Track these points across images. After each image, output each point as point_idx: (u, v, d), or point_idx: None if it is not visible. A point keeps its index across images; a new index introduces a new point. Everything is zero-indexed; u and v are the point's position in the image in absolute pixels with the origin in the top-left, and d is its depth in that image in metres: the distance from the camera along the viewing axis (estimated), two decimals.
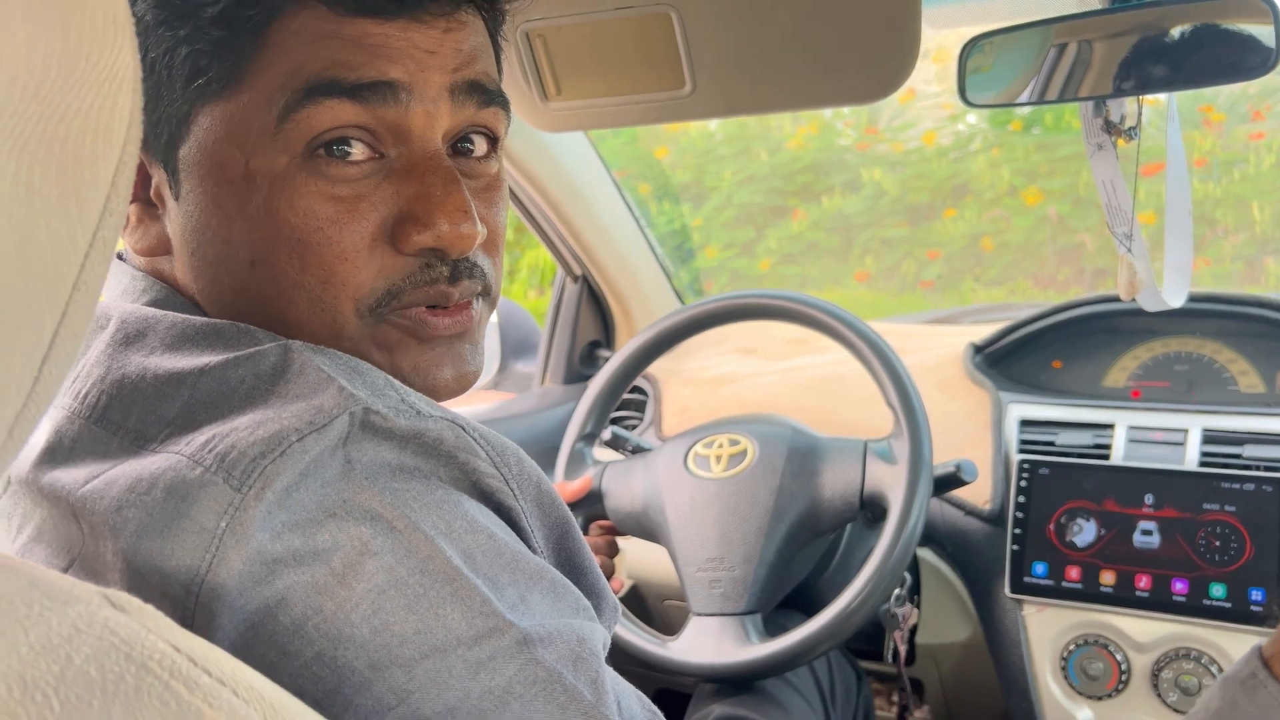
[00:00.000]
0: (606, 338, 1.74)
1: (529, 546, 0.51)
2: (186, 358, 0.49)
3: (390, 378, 0.50)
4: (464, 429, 0.48)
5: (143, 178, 0.56)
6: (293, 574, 0.42)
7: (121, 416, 0.49)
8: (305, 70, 0.50)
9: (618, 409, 1.53)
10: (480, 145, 0.57)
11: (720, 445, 1.15)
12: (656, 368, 1.51)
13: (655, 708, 0.54)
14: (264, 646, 0.42)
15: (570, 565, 0.54)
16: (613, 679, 0.49)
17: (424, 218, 0.52)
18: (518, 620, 0.45)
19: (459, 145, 0.56)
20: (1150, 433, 1.22)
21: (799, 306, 1.16)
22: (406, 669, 0.42)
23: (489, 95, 0.55)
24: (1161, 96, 0.90)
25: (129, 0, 0.52)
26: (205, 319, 0.52)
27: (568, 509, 0.54)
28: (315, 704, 0.41)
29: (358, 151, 0.52)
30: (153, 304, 0.55)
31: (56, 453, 0.50)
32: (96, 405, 0.50)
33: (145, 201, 0.56)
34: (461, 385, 0.57)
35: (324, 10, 0.50)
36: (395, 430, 0.46)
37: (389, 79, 0.51)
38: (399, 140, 0.53)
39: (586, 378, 1.64)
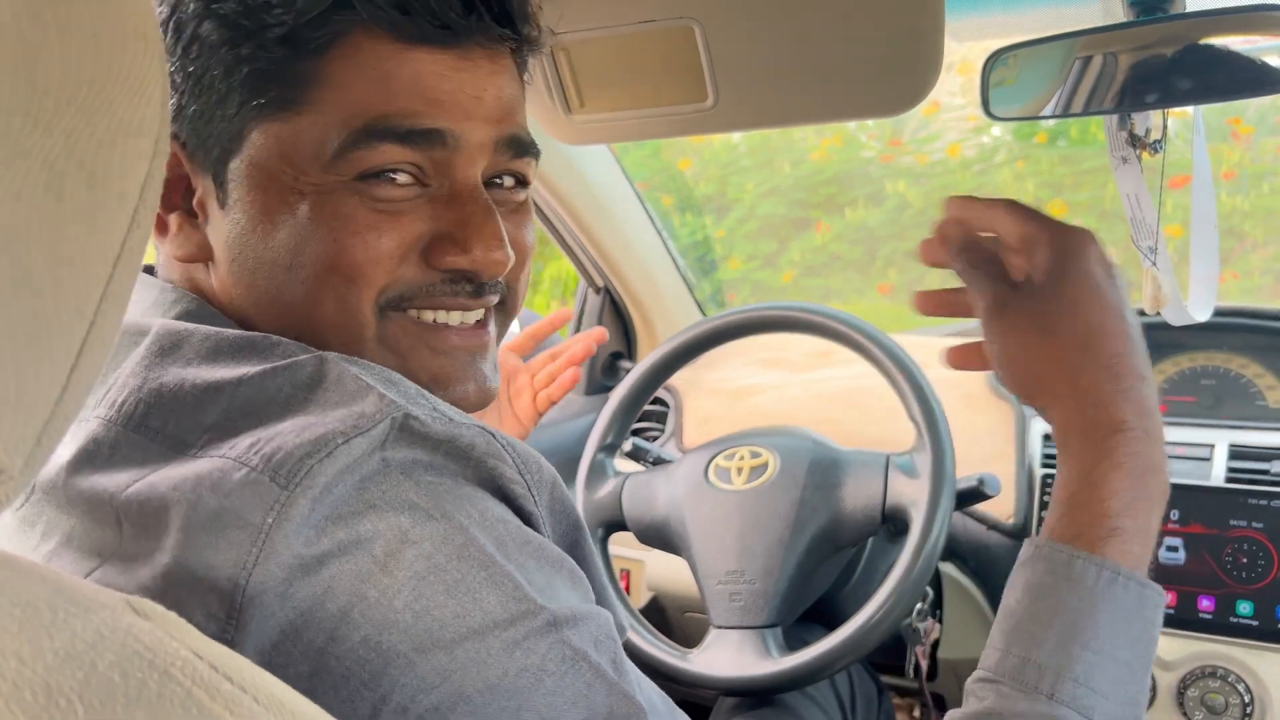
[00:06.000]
0: (628, 349, 1.74)
1: None
2: (223, 368, 0.51)
3: (421, 389, 0.52)
4: (493, 436, 0.51)
5: (184, 188, 0.58)
6: (337, 564, 0.44)
7: (160, 423, 0.50)
8: (364, 113, 0.53)
9: (639, 420, 1.53)
10: (509, 181, 0.62)
11: (741, 457, 1.15)
12: (678, 379, 1.51)
13: (668, 697, 0.55)
14: (313, 633, 0.44)
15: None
16: (629, 666, 0.51)
17: (462, 242, 0.56)
18: (546, 603, 0.48)
19: (491, 180, 0.60)
20: (1176, 448, 1.20)
21: (821, 319, 1.15)
22: (448, 650, 0.44)
23: (524, 148, 0.60)
24: (1188, 109, 0.89)
25: (198, 19, 0.54)
26: (238, 332, 0.54)
27: (579, 516, 0.56)
28: (362, 685, 0.44)
29: (403, 179, 0.56)
30: (184, 315, 0.56)
31: (94, 459, 0.51)
32: (134, 413, 0.51)
33: (187, 211, 0.58)
34: (483, 401, 0.61)
35: (385, 36, 0.53)
36: (431, 434, 0.48)
37: (439, 128, 0.55)
38: (441, 174, 0.57)
39: (608, 388, 1.64)
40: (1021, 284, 0.65)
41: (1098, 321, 0.63)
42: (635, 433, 1.54)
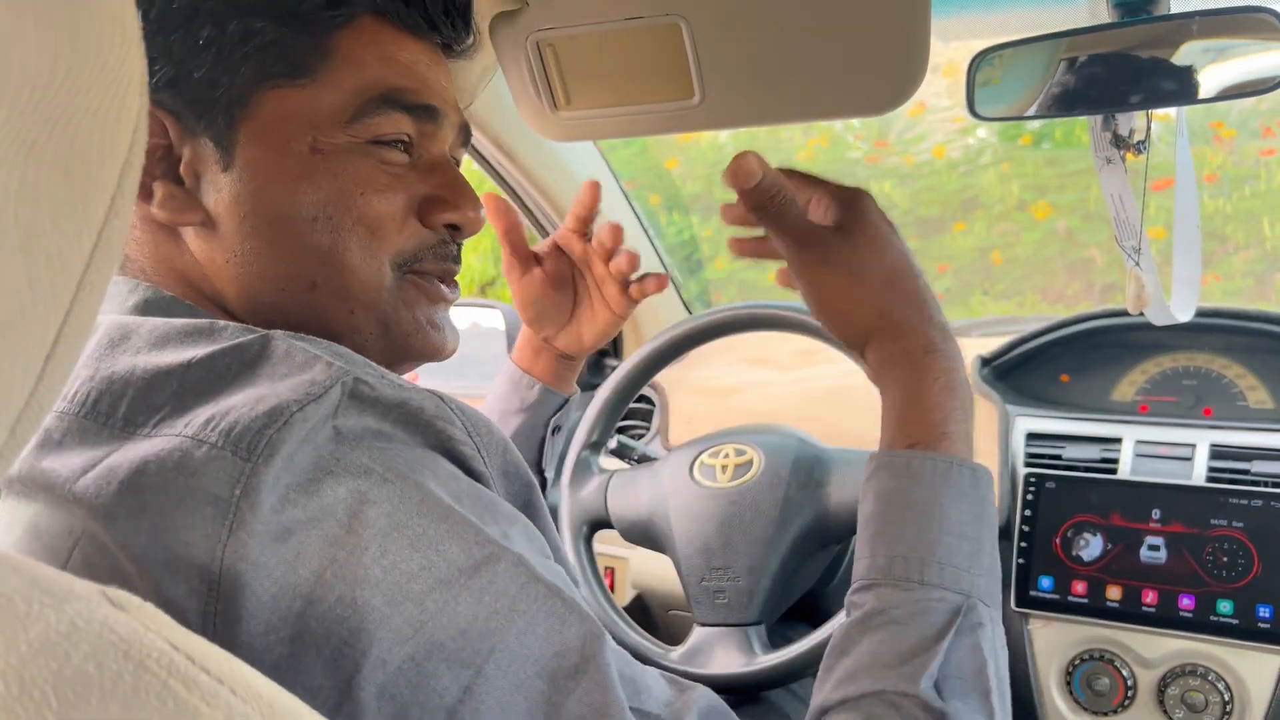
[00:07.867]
0: (614, 346, 1.74)
1: None
2: (172, 354, 0.53)
3: (368, 360, 0.54)
4: (442, 399, 0.54)
5: (162, 156, 0.60)
6: (304, 530, 0.47)
7: (110, 407, 0.52)
8: (376, 85, 0.62)
9: (624, 418, 1.53)
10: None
11: (726, 455, 1.15)
12: (664, 377, 1.51)
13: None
14: (289, 598, 0.46)
15: None
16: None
17: (452, 201, 0.66)
18: (509, 546, 0.50)
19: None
20: (1158, 447, 1.21)
21: (806, 318, 1.15)
22: (418, 602, 0.47)
23: (469, 136, 0.71)
24: (1171, 111, 0.90)
25: None
26: (185, 320, 0.56)
27: (531, 476, 0.59)
28: (343, 643, 0.46)
29: (400, 148, 0.64)
30: (141, 305, 0.59)
31: (45, 446, 0.52)
32: (85, 400, 0.53)
33: (171, 177, 0.60)
34: (452, 350, 0.69)
35: (387, 23, 0.63)
36: (381, 398, 0.51)
37: (434, 105, 0.65)
38: (422, 147, 0.66)
39: (593, 386, 1.63)
40: (819, 233, 0.70)
41: (894, 264, 0.69)
42: (620, 430, 1.54)
